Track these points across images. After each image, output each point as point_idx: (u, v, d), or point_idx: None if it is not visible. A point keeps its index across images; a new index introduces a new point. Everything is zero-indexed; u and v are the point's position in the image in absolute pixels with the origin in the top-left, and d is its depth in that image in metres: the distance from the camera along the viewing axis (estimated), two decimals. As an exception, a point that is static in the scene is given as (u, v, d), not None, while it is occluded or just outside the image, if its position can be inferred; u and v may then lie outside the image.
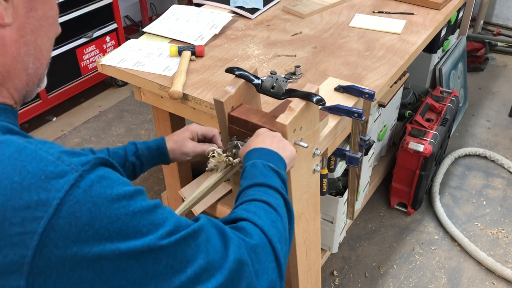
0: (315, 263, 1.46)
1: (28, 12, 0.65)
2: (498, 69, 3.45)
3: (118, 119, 3.00)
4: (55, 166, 0.56)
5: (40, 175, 0.55)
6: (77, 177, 0.57)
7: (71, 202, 0.55)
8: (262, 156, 0.93)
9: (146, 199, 0.63)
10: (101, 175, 0.59)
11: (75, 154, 0.60)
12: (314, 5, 2.03)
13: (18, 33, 0.64)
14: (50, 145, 0.60)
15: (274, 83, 1.11)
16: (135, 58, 1.67)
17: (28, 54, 0.66)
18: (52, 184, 0.55)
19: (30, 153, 0.57)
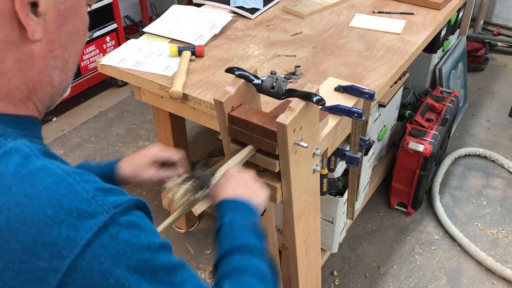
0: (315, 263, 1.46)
1: (59, 27, 0.64)
2: (498, 69, 3.45)
3: (118, 119, 3.00)
4: (89, 204, 0.57)
5: (72, 212, 0.56)
6: (107, 219, 0.57)
7: (96, 245, 0.56)
8: (238, 209, 0.90)
9: (170, 256, 0.63)
10: (131, 222, 0.59)
11: (110, 192, 0.60)
12: (314, 5, 2.03)
13: (47, 48, 0.64)
14: (87, 178, 0.59)
15: (274, 83, 1.11)
16: (135, 58, 1.67)
17: (55, 68, 0.66)
18: (82, 223, 0.55)
19: (67, 186, 0.57)
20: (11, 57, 0.61)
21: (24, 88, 0.64)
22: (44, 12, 0.61)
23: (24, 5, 0.58)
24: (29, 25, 0.59)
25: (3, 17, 0.59)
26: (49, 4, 0.61)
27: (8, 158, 0.58)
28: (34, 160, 0.59)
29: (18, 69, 0.62)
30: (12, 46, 0.61)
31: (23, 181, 0.56)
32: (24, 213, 0.55)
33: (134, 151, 2.73)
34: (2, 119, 0.63)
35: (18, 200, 0.55)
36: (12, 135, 0.61)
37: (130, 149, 2.75)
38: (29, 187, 0.56)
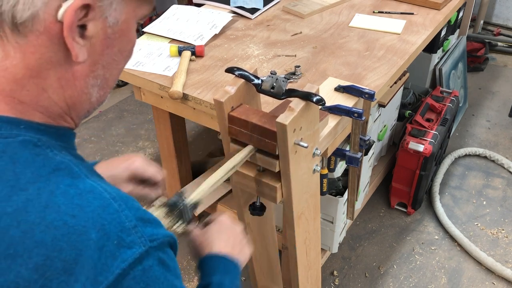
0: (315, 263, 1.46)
1: (104, 50, 0.64)
2: (498, 69, 3.45)
3: (118, 119, 3.00)
4: (128, 234, 0.58)
5: (114, 239, 0.57)
6: (143, 252, 0.58)
7: (129, 276, 0.57)
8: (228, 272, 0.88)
9: None
10: (162, 260, 0.61)
11: (149, 223, 0.62)
12: (314, 5, 2.03)
13: (90, 68, 0.64)
14: (131, 205, 0.61)
15: (274, 83, 1.11)
16: (135, 58, 1.67)
17: (94, 86, 0.66)
18: (120, 252, 0.57)
19: (112, 212, 0.58)
20: (54, 75, 0.62)
21: (63, 104, 0.65)
22: (91, 35, 0.61)
23: (73, 30, 0.59)
24: (74, 49, 0.60)
25: (51, 39, 0.59)
26: (98, 28, 0.61)
27: (58, 175, 0.59)
28: (83, 180, 0.60)
29: (59, 87, 0.63)
30: (56, 66, 0.61)
31: (71, 201, 0.57)
32: (70, 233, 0.56)
33: (134, 151, 2.73)
34: (45, 130, 0.63)
35: (65, 219, 0.56)
36: (57, 148, 0.62)
37: (130, 149, 2.75)
38: (77, 208, 0.57)
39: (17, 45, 0.59)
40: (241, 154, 1.12)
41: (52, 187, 0.58)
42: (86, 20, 0.60)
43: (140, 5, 0.66)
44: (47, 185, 0.58)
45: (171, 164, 1.99)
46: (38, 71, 0.61)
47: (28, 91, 0.62)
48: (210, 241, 0.92)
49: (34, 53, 0.60)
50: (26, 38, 0.59)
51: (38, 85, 0.62)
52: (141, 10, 0.66)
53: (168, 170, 2.04)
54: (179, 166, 1.99)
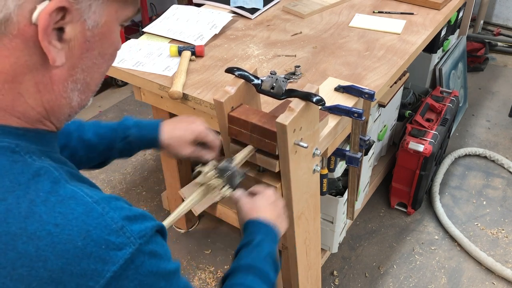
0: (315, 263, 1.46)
1: (83, 53, 0.62)
2: (498, 69, 3.45)
3: (118, 119, 2.99)
4: (117, 236, 0.57)
5: (101, 244, 0.56)
6: (134, 251, 0.58)
7: (121, 276, 0.57)
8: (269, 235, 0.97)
9: (180, 280, 0.68)
10: (153, 251, 0.61)
11: (135, 220, 0.61)
12: (314, 5, 2.03)
13: (68, 72, 0.62)
14: (115, 205, 0.60)
15: (274, 83, 1.11)
16: (135, 58, 1.67)
17: (74, 90, 0.65)
18: (110, 255, 0.56)
19: (97, 217, 0.57)
20: (30, 79, 0.60)
21: (41, 109, 0.63)
22: (70, 38, 0.59)
23: (48, 34, 0.57)
24: (50, 53, 0.58)
25: (26, 42, 0.57)
26: (76, 31, 0.59)
27: (38, 182, 0.58)
28: (64, 185, 0.59)
29: (36, 91, 0.61)
30: (32, 70, 0.60)
31: (53, 209, 0.56)
32: (55, 243, 0.55)
33: (134, 151, 2.72)
34: (24, 134, 0.62)
35: (48, 229, 0.55)
36: (36, 153, 0.61)
37: (130, 149, 2.75)
38: (60, 216, 0.56)
39: None
40: (241, 154, 1.12)
41: (32, 195, 0.57)
42: (63, 23, 0.58)
43: (123, 7, 0.64)
44: (27, 193, 0.57)
45: (171, 164, 1.99)
46: (13, 76, 0.59)
47: (3, 95, 0.60)
48: (258, 209, 1.00)
49: (9, 57, 0.58)
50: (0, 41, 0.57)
51: (14, 89, 0.60)
52: (123, 12, 0.65)
53: (168, 170, 2.04)
54: (179, 166, 1.99)
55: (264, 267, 0.90)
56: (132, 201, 2.40)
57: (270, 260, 0.92)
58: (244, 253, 0.92)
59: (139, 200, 2.42)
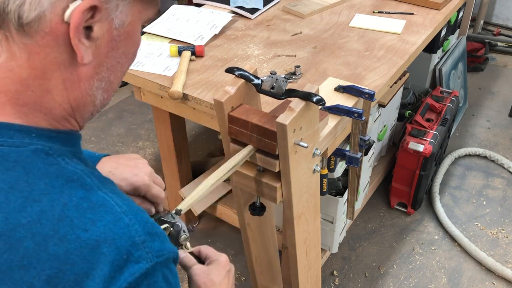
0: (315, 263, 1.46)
1: (109, 51, 0.64)
2: (498, 69, 3.45)
3: (118, 119, 3.00)
4: (137, 249, 0.59)
5: (123, 254, 0.58)
6: (149, 267, 0.59)
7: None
8: None
9: None
10: (166, 276, 0.62)
11: (157, 237, 0.62)
12: (314, 5, 2.03)
13: (94, 70, 0.64)
14: (141, 218, 0.62)
15: (274, 83, 1.11)
16: (135, 58, 1.67)
17: (98, 88, 0.66)
18: (128, 266, 0.58)
19: (123, 227, 0.59)
20: (58, 76, 0.61)
21: (67, 106, 0.64)
22: (97, 37, 0.61)
23: (79, 32, 0.58)
24: (79, 50, 0.60)
25: (56, 40, 0.59)
26: (104, 29, 0.61)
27: (71, 187, 0.60)
28: (96, 192, 0.61)
29: (63, 88, 0.63)
30: (61, 67, 0.61)
31: (84, 215, 0.58)
32: (82, 247, 0.57)
33: (134, 151, 2.73)
34: (56, 137, 0.64)
35: (78, 233, 0.57)
36: (67, 155, 0.63)
37: (130, 149, 2.75)
38: (89, 223, 0.58)
39: (23, 46, 0.59)
40: (241, 154, 1.12)
41: (65, 199, 0.58)
42: (92, 22, 0.59)
43: (146, 8, 0.66)
44: (61, 197, 0.58)
45: (171, 164, 1.99)
46: (42, 72, 0.61)
47: (32, 91, 0.61)
48: (213, 284, 0.91)
49: (39, 54, 0.59)
50: (32, 38, 0.58)
51: (43, 86, 0.61)
52: (146, 13, 0.67)
53: (168, 170, 2.04)
54: (179, 166, 1.99)
55: None
56: (132, 201, 2.40)
57: None
58: None
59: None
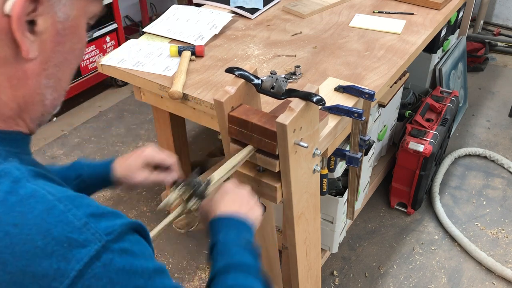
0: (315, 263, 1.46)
1: (55, 47, 0.62)
2: (498, 69, 3.45)
3: (118, 119, 3.00)
4: (80, 233, 0.55)
5: (63, 242, 0.54)
6: (100, 247, 0.55)
7: (88, 275, 0.54)
8: (232, 226, 0.88)
9: (166, 279, 0.62)
10: (124, 248, 0.58)
11: (103, 217, 0.58)
12: (314, 5, 2.03)
13: (41, 66, 0.62)
14: (80, 203, 0.58)
15: (274, 83, 1.11)
16: (135, 58, 1.67)
17: (47, 86, 0.64)
18: (73, 253, 0.54)
19: (58, 214, 0.55)
20: (3, 74, 0.59)
21: (14, 105, 0.62)
22: (41, 31, 0.59)
23: (22, 24, 0.56)
24: (24, 44, 0.58)
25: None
26: (48, 23, 0.59)
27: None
28: (24, 184, 0.57)
29: (9, 86, 0.60)
30: (5, 63, 0.59)
31: (12, 209, 0.55)
32: (13, 244, 0.53)
33: (134, 151, 2.73)
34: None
35: (7, 230, 0.53)
36: (2, 154, 0.60)
37: (130, 149, 2.75)
38: (19, 216, 0.54)
39: None
40: (241, 154, 1.12)
41: None
42: (35, 15, 0.58)
43: (90, 2, 0.65)
44: None
45: (171, 164, 1.99)
46: None
47: None
48: (215, 207, 0.92)
49: None
50: None
51: None
52: (90, 8, 0.65)
53: (168, 170, 2.04)
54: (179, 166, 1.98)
55: (240, 259, 0.83)
56: (132, 201, 2.40)
57: (243, 249, 0.85)
58: (215, 256, 0.86)
59: (139, 200, 2.42)
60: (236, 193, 0.96)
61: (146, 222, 2.27)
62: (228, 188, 0.97)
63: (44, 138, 2.84)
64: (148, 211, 2.35)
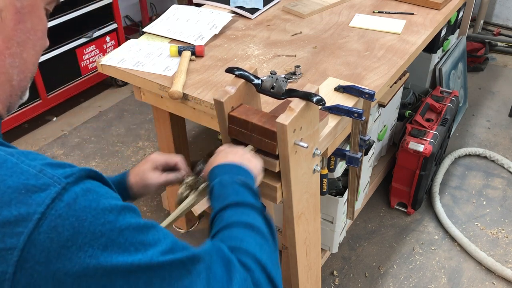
0: (315, 263, 1.46)
1: (16, 25, 0.64)
2: (498, 69, 3.45)
3: (118, 119, 3.00)
4: (37, 179, 0.55)
5: (20, 189, 0.54)
6: (60, 190, 0.55)
7: (52, 216, 0.53)
8: (227, 171, 0.90)
9: (137, 217, 0.61)
10: (87, 188, 0.57)
11: (60, 166, 0.58)
12: (314, 5, 2.03)
13: (4, 44, 0.63)
14: (34, 156, 0.58)
15: (274, 83, 1.11)
16: (135, 58, 1.67)
17: (13, 66, 0.65)
18: (33, 198, 0.53)
19: (10, 166, 0.55)
20: None
21: None
22: (0, 8, 0.61)
23: None
24: None
25: None
26: (6, 1, 0.61)
27: None
28: None
29: None
30: None
31: None
32: None
33: (134, 151, 2.73)
34: None
35: None
36: None
37: (130, 149, 2.75)
38: None
39: None
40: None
41: None
42: None
43: None
44: None
45: (171, 164, 1.99)
46: None
47: None
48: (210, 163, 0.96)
49: None
50: None
51: None
52: None
53: (168, 170, 2.04)
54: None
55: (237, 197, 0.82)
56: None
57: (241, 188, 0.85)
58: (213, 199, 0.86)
59: (139, 200, 2.42)
60: (232, 151, 0.99)
61: (146, 222, 2.27)
62: (223, 150, 1.01)
63: (44, 138, 2.84)
64: (148, 211, 2.35)
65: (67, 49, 2.81)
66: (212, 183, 0.88)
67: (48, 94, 2.80)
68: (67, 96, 2.93)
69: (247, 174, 0.91)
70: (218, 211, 0.82)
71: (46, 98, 2.79)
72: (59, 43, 2.76)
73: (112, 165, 2.63)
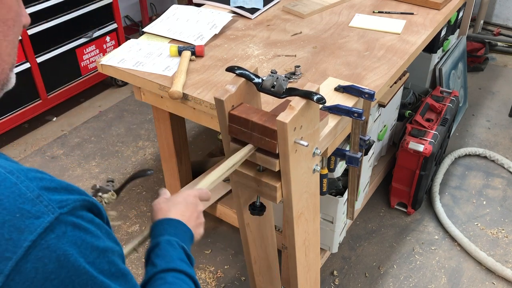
0: (314, 264, 1.46)
1: None
2: (498, 69, 3.45)
3: (118, 119, 3.00)
4: (33, 205, 0.55)
5: (15, 213, 0.54)
6: (53, 220, 0.55)
7: (41, 246, 0.54)
8: (178, 233, 0.88)
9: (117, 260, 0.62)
10: (77, 223, 0.57)
11: (56, 191, 0.58)
12: (314, 5, 2.03)
13: None
14: (33, 176, 0.58)
15: (275, 82, 1.11)
16: (135, 58, 1.67)
17: None
18: (26, 224, 0.54)
19: (9, 186, 0.55)
20: None
21: None
22: None
23: None
24: None
25: None
26: None
27: None
28: None
29: None
30: None
31: None
32: None
33: (134, 151, 2.73)
34: None
35: None
36: None
37: (130, 149, 2.75)
38: None
39: None
40: (241, 152, 1.12)
41: None
42: None
43: None
44: None
45: (171, 164, 1.99)
46: None
47: None
48: (167, 209, 0.93)
49: None
50: None
51: None
52: None
53: (168, 170, 2.04)
54: (179, 166, 1.98)
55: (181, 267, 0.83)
56: (132, 201, 2.40)
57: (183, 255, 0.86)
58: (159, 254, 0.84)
59: (139, 200, 2.42)
60: (191, 207, 0.96)
61: (146, 222, 2.27)
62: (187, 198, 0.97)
63: (44, 138, 2.84)
64: (148, 211, 2.35)
65: (67, 49, 2.81)
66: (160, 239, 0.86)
67: (48, 94, 2.80)
68: (67, 96, 2.93)
69: (191, 241, 0.91)
70: (162, 270, 0.81)
71: (46, 98, 2.79)
72: (59, 43, 2.76)
73: (112, 165, 2.63)
